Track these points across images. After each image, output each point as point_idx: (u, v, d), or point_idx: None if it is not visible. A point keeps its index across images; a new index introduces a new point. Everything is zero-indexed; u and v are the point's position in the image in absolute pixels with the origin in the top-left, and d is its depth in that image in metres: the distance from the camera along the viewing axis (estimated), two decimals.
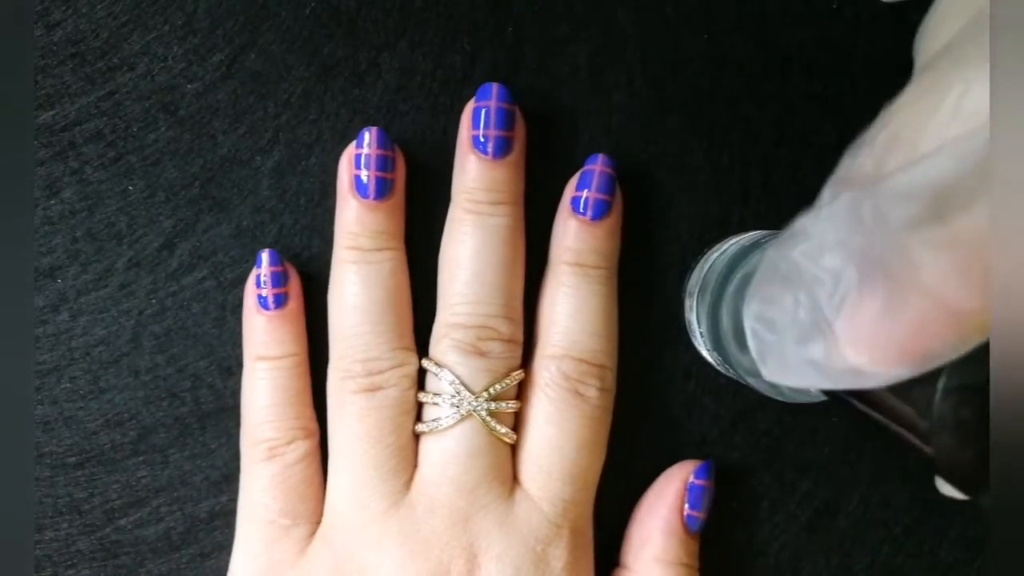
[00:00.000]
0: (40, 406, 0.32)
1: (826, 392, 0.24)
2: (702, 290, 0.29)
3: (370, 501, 0.30)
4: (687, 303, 0.31)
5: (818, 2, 0.32)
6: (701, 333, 0.29)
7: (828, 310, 0.18)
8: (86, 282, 0.32)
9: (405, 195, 0.32)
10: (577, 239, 0.31)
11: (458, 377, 0.30)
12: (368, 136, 0.30)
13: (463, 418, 0.29)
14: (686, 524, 0.31)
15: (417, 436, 0.30)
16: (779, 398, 0.27)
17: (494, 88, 0.30)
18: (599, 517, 0.32)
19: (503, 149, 0.30)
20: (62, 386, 0.32)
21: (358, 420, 0.30)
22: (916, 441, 0.21)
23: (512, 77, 0.32)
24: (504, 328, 0.30)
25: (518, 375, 0.30)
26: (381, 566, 0.29)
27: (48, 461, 0.32)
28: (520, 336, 0.31)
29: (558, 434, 0.30)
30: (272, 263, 0.31)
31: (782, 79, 0.32)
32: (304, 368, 0.31)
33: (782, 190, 0.33)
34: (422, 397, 0.30)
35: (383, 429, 0.30)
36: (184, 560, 0.33)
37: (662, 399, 0.32)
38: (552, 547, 0.29)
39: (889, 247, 0.17)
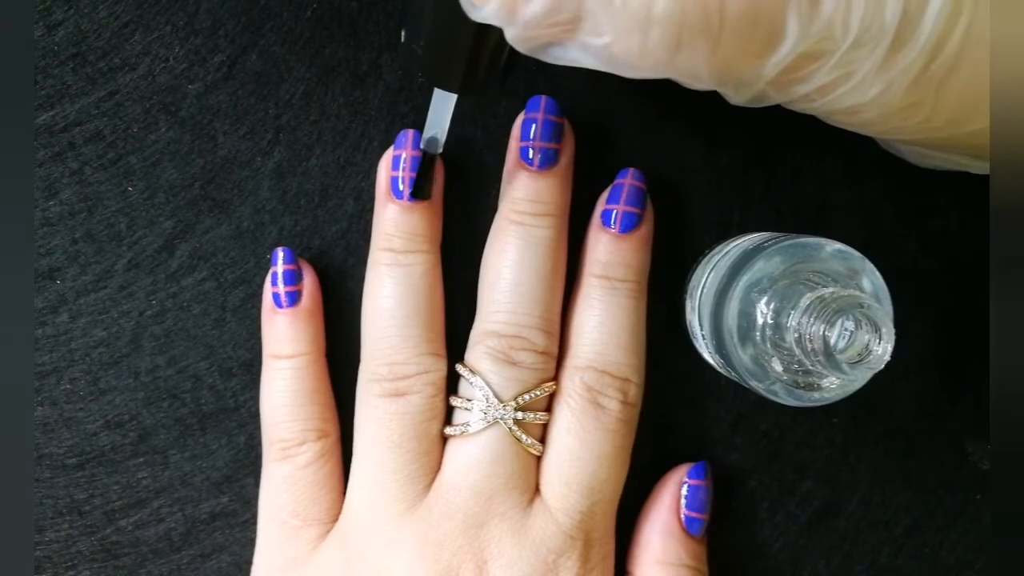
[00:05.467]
0: (40, 407, 0.32)
1: None
2: (704, 292, 0.29)
3: (388, 503, 0.30)
4: (688, 304, 0.31)
5: None
6: (703, 335, 0.29)
7: None
8: (86, 283, 0.32)
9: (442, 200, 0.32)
10: (606, 252, 0.31)
11: (488, 384, 0.30)
12: (406, 138, 0.31)
13: (489, 425, 0.29)
14: (684, 525, 0.31)
15: (445, 439, 0.30)
16: (779, 400, 0.27)
17: (543, 100, 0.31)
18: None
19: (548, 161, 0.30)
20: (62, 387, 0.32)
21: (380, 425, 0.30)
22: None
23: (512, 77, 0.32)
24: (539, 340, 0.30)
25: (549, 387, 0.30)
26: (392, 567, 0.29)
27: (48, 462, 0.32)
28: (555, 349, 0.31)
29: (578, 445, 0.30)
30: (286, 261, 0.31)
31: None
32: (317, 367, 0.31)
33: (782, 191, 0.33)
34: (454, 401, 0.30)
35: (404, 435, 0.30)
36: (184, 561, 0.33)
37: (662, 400, 0.33)
38: (564, 558, 0.29)
39: None
